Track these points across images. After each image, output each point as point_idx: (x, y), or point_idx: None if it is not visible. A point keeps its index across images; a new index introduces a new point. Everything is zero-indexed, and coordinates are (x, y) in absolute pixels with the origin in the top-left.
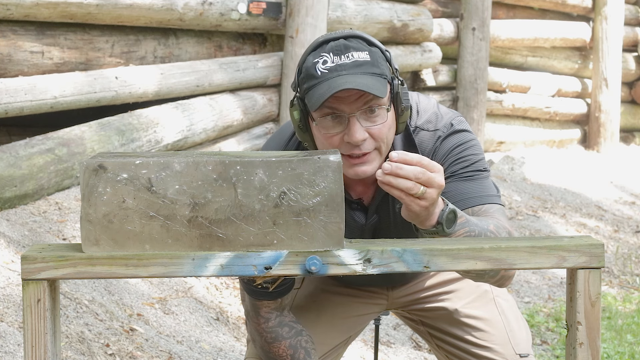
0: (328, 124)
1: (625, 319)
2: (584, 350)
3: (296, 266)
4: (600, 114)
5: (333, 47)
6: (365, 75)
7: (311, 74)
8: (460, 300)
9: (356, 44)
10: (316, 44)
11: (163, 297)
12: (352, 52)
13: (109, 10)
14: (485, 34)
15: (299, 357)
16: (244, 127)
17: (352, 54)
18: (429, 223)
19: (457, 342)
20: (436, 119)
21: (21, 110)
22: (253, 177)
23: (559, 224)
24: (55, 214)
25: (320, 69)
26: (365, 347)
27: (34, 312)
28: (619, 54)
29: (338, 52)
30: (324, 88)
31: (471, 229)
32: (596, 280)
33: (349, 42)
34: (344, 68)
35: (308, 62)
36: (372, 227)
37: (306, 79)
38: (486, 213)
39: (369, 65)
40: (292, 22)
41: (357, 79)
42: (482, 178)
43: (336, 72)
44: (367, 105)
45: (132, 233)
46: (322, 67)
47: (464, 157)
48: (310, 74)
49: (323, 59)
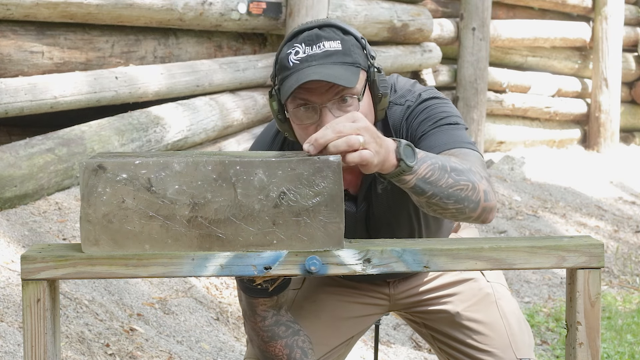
0: (301, 114)
1: (625, 319)
2: (584, 350)
3: (296, 266)
4: (600, 114)
5: (305, 37)
6: (335, 65)
7: (284, 64)
8: (462, 303)
9: (329, 34)
10: (291, 34)
11: (163, 297)
12: (324, 42)
13: (109, 10)
14: (485, 34)
15: (295, 357)
16: (244, 127)
17: (323, 44)
18: (390, 164)
19: (458, 345)
20: (408, 93)
21: (21, 110)
22: (253, 177)
23: (559, 224)
24: (55, 214)
25: (292, 59)
26: (365, 347)
27: (33, 312)
28: (619, 54)
29: (310, 42)
30: (293, 79)
31: (433, 161)
32: (596, 280)
33: (322, 31)
34: (315, 58)
35: (282, 53)
36: (364, 215)
37: (280, 70)
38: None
39: (340, 55)
40: (292, 22)
41: (326, 70)
42: (453, 129)
43: (307, 62)
44: (338, 96)
45: (131, 233)
46: (294, 57)
47: (432, 115)
48: (283, 65)
49: (295, 49)
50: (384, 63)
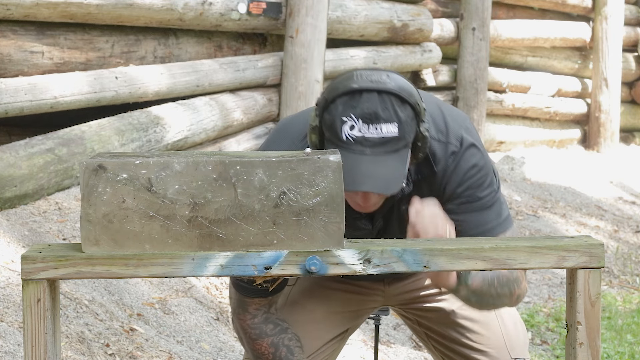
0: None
1: (625, 319)
2: (584, 350)
3: (296, 266)
4: (600, 114)
5: (364, 111)
6: (388, 156)
7: (336, 130)
8: (457, 301)
9: (387, 112)
10: (347, 89)
11: (163, 297)
12: (382, 125)
13: (109, 10)
14: (485, 34)
15: (280, 356)
16: (244, 127)
17: (380, 128)
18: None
19: (452, 344)
20: (446, 128)
21: (21, 110)
22: (253, 177)
23: (559, 224)
24: (55, 214)
25: (347, 133)
26: (365, 347)
27: (34, 312)
28: (619, 54)
29: (367, 120)
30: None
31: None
32: (596, 280)
33: (382, 102)
34: (369, 144)
35: (336, 109)
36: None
37: (330, 131)
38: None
39: (395, 142)
40: (292, 22)
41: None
42: (497, 201)
43: (360, 145)
44: None
45: (132, 233)
46: (349, 131)
47: (480, 182)
48: (335, 129)
49: (351, 123)
50: (384, 63)
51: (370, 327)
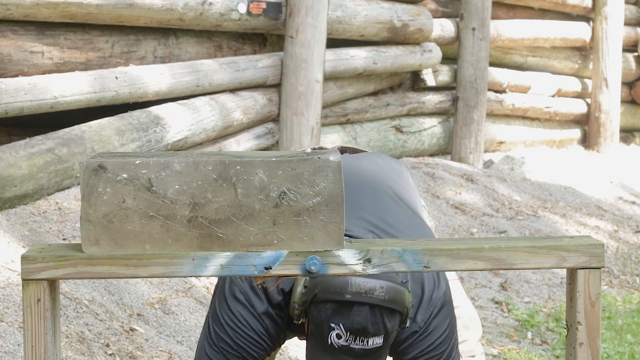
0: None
1: (625, 319)
2: (584, 350)
3: (296, 266)
4: (600, 114)
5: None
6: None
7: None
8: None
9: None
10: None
11: (163, 297)
12: (369, 339)
13: (109, 10)
14: (485, 34)
15: None
16: (244, 127)
17: (367, 341)
18: None
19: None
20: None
21: (21, 110)
22: (253, 177)
23: (559, 224)
24: (55, 214)
25: (333, 339)
26: None
27: (34, 312)
28: (619, 54)
29: (355, 333)
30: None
31: None
32: (596, 280)
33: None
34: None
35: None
36: None
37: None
38: None
39: (379, 351)
40: (292, 22)
41: None
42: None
43: (344, 354)
44: None
45: (132, 233)
46: (335, 339)
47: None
48: (321, 331)
49: (337, 332)
50: (384, 63)
51: None
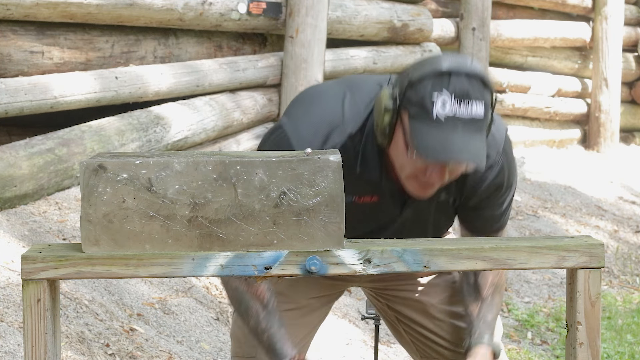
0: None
1: (625, 319)
2: (584, 350)
3: (296, 266)
4: (600, 114)
5: (456, 87)
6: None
7: (426, 109)
8: (438, 294)
9: (476, 91)
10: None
11: (163, 297)
12: (472, 103)
13: (109, 10)
14: (485, 34)
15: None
16: (244, 127)
17: (471, 106)
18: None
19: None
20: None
21: (21, 110)
22: (253, 177)
23: (559, 224)
24: (55, 214)
25: (438, 111)
26: (365, 347)
27: (34, 312)
28: (619, 54)
29: (460, 97)
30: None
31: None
32: (596, 280)
33: (470, 83)
34: (461, 123)
35: (425, 88)
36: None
37: (419, 109)
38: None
39: (482, 122)
40: (292, 22)
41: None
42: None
43: (452, 124)
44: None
45: (132, 233)
46: (440, 109)
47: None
48: (425, 107)
49: (443, 98)
50: (384, 63)
51: (370, 327)
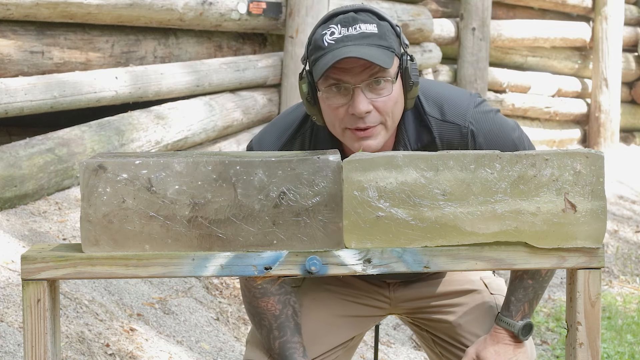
0: (333, 94)
1: (625, 319)
2: (584, 350)
3: (296, 266)
4: (600, 114)
5: (341, 19)
6: (371, 46)
7: (318, 44)
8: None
9: (365, 17)
10: (326, 16)
11: (163, 297)
12: (360, 24)
13: (109, 10)
14: (485, 34)
15: (287, 314)
16: (244, 127)
17: (359, 26)
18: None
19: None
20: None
21: (21, 110)
22: (253, 177)
23: None
24: (55, 214)
25: (327, 40)
26: (365, 347)
27: (34, 312)
28: (619, 54)
29: (346, 23)
30: (328, 58)
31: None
32: (596, 280)
33: (358, 15)
34: (350, 39)
35: (317, 34)
36: None
37: (314, 51)
38: None
39: (376, 38)
40: (292, 22)
41: (362, 50)
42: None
43: (342, 42)
44: (372, 77)
45: (132, 233)
46: (329, 38)
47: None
48: (317, 45)
49: (331, 30)
50: None
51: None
